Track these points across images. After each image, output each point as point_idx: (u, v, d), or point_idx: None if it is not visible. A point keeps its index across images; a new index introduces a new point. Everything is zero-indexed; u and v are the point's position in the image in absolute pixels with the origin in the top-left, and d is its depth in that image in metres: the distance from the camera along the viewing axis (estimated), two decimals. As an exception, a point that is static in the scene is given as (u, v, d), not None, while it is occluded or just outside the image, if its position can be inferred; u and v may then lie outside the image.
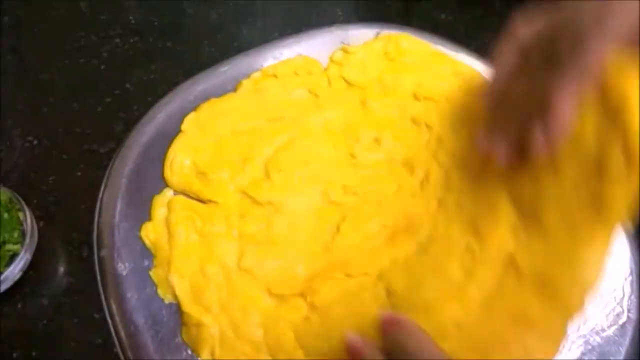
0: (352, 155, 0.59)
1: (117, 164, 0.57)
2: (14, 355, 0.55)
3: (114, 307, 0.50)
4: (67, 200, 0.64)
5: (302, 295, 0.51)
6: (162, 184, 0.56)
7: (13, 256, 0.56)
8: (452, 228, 0.52)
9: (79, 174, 0.66)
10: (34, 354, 0.55)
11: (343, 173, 0.58)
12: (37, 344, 0.56)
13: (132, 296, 0.50)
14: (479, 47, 0.68)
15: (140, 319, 0.49)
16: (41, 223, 0.62)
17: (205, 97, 0.62)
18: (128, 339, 0.49)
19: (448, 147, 0.58)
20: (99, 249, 0.53)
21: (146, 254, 0.52)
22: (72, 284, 0.59)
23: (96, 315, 0.56)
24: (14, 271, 0.56)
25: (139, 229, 0.53)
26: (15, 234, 0.58)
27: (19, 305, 0.58)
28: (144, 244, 0.53)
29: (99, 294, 0.51)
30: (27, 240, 0.57)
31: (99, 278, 0.52)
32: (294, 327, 0.49)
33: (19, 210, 0.59)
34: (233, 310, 0.50)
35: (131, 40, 0.80)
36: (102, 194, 0.56)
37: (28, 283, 0.58)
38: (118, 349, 0.49)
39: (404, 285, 0.50)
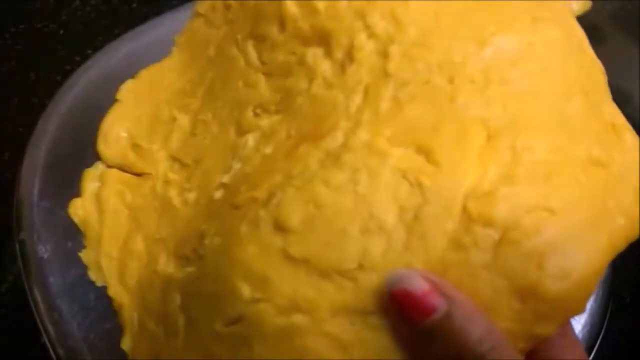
0: (263, 62, 0.42)
1: (34, 138, 0.51)
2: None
3: (36, 293, 0.44)
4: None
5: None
6: (84, 157, 0.49)
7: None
8: (380, 138, 0.31)
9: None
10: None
11: (254, 91, 0.42)
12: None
13: (55, 281, 0.44)
14: None
15: (64, 305, 0.43)
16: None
17: (130, 59, 0.54)
18: (53, 327, 0.43)
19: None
20: (17, 231, 0.47)
21: (69, 235, 0.46)
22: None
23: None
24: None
25: (62, 208, 0.47)
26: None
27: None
28: (66, 224, 0.46)
29: (26, 281, 0.46)
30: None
31: (20, 263, 0.46)
32: (180, 287, 0.37)
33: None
34: (147, 285, 0.41)
35: (92, 2, 0.73)
36: (20, 170, 0.50)
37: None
38: (45, 339, 0.43)
39: (299, 218, 0.30)
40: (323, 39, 0.38)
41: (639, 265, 0.56)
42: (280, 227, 0.30)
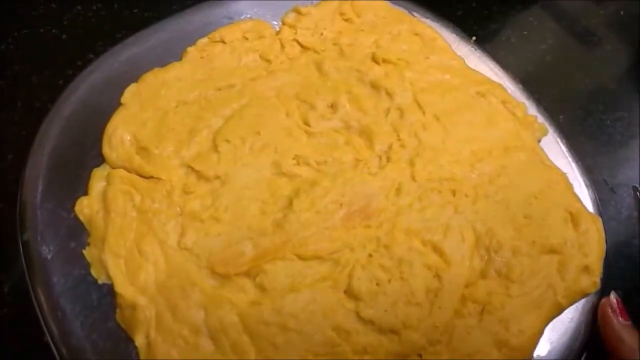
0: (306, 123, 0.52)
1: (38, 141, 0.49)
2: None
3: (40, 292, 0.43)
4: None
5: (248, 275, 0.44)
6: (87, 160, 0.49)
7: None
8: (412, 235, 0.46)
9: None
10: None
11: (296, 142, 0.50)
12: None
13: (58, 281, 0.43)
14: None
15: (67, 305, 0.43)
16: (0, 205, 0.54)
17: (132, 64, 0.54)
18: (56, 326, 0.42)
19: (411, 122, 0.52)
20: (21, 232, 0.45)
21: (73, 235, 0.45)
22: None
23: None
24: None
25: (65, 209, 0.46)
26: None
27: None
28: (70, 225, 0.46)
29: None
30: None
31: (24, 263, 0.44)
32: (240, 311, 0.42)
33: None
34: (171, 291, 0.43)
35: (94, 8, 0.71)
36: (23, 174, 0.48)
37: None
38: (48, 338, 0.42)
39: (366, 290, 0.43)
40: (365, 134, 0.51)
41: (630, 264, 0.56)
42: (352, 295, 0.43)
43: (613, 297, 0.45)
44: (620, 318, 0.44)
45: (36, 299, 0.43)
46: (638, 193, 0.59)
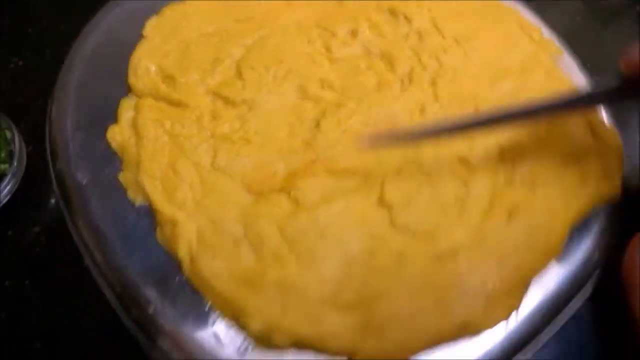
0: (328, 50, 0.52)
1: (63, 75, 0.49)
2: (6, 284, 0.48)
3: (78, 219, 0.43)
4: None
5: (283, 191, 0.44)
6: (114, 91, 0.49)
7: (0, 177, 0.50)
8: (438, 150, 0.46)
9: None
10: (27, 282, 0.49)
11: (319, 68, 0.50)
12: (29, 272, 0.49)
13: (96, 205, 0.43)
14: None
15: (107, 227, 0.42)
16: (30, 147, 0.54)
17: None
18: (98, 250, 0.42)
19: (431, 45, 0.52)
20: (54, 162, 0.45)
21: (106, 162, 0.45)
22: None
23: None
24: (2, 192, 0.50)
25: (96, 137, 0.46)
26: (3, 154, 0.51)
27: (9, 233, 0.51)
28: (102, 154, 0.45)
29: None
30: (15, 162, 0.50)
31: (57, 192, 0.44)
32: (278, 222, 0.42)
33: (6, 129, 0.51)
34: (209, 208, 0.43)
35: None
36: (51, 107, 0.48)
37: (17, 210, 0.51)
38: (89, 262, 0.42)
39: (398, 199, 0.43)
40: (386, 58, 0.51)
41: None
42: (385, 204, 0.43)
43: None
44: None
45: (74, 225, 0.43)
46: None
